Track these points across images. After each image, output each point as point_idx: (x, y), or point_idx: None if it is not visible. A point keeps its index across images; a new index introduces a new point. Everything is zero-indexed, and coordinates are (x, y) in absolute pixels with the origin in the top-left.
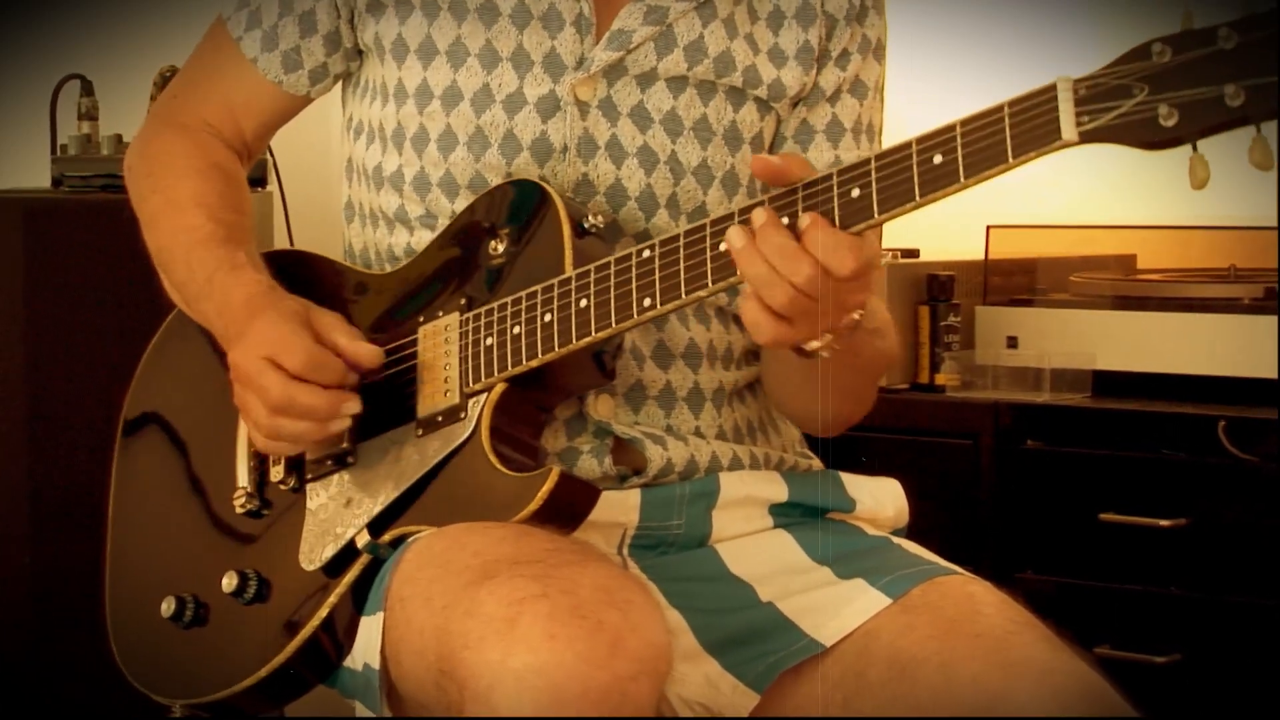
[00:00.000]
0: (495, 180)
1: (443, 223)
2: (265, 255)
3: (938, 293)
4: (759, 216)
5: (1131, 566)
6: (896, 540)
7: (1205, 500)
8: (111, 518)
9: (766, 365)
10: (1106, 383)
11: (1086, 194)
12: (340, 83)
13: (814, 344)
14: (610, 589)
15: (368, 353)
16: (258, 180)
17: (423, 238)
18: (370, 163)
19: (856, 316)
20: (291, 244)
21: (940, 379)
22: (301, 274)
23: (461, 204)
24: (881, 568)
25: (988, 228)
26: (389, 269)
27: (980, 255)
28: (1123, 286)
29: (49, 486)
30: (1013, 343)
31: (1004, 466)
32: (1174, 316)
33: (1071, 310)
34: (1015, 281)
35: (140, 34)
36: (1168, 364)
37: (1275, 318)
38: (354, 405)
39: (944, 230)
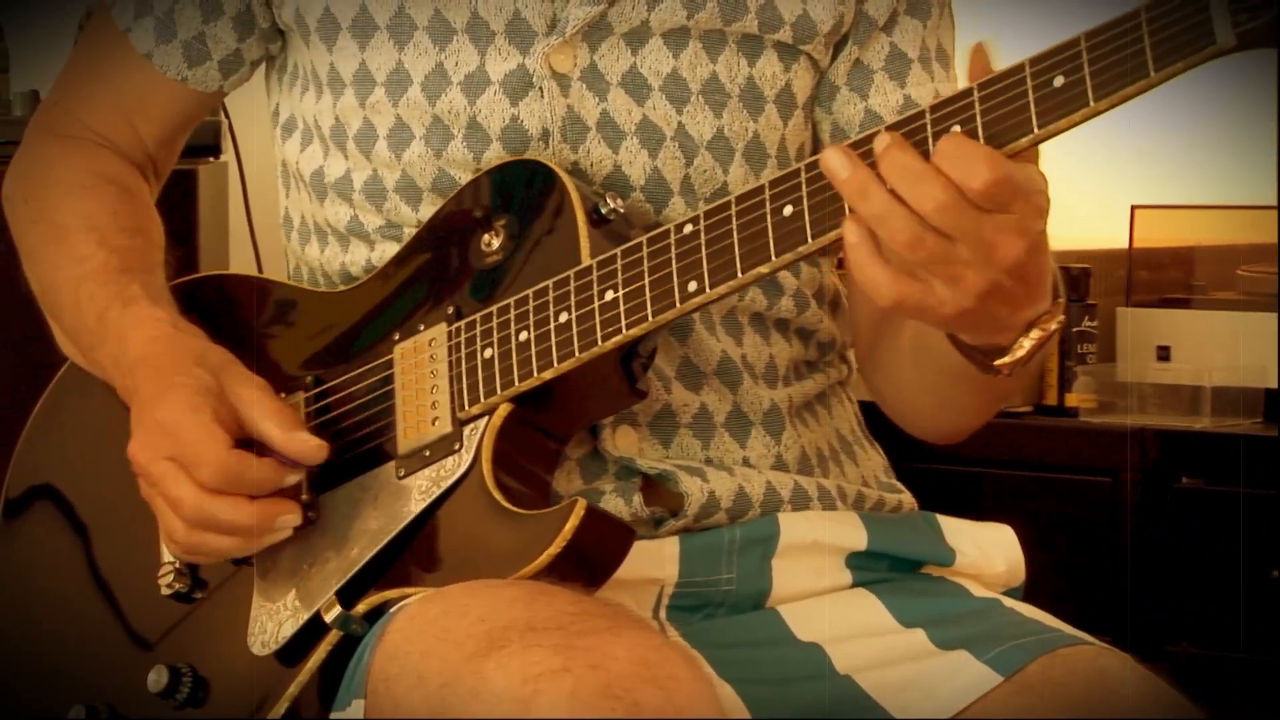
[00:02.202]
0: (463, 178)
1: (409, 233)
2: (188, 283)
3: (1068, 290)
4: (882, 140)
5: None
6: (1009, 602)
7: None
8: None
9: (897, 350)
10: None
11: (1255, 167)
12: (263, 67)
13: (1005, 358)
14: (650, 662)
15: (306, 447)
16: (210, 149)
17: (386, 252)
18: (308, 167)
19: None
20: (250, 224)
21: (1072, 400)
22: (228, 304)
23: (427, 210)
24: (990, 636)
25: (1132, 208)
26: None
27: (1123, 243)
28: None
29: None
30: (1164, 354)
31: (1152, 510)
32: None
33: (1240, 313)
34: (1168, 276)
35: None
36: None
37: None
38: (292, 518)
39: (1076, 211)
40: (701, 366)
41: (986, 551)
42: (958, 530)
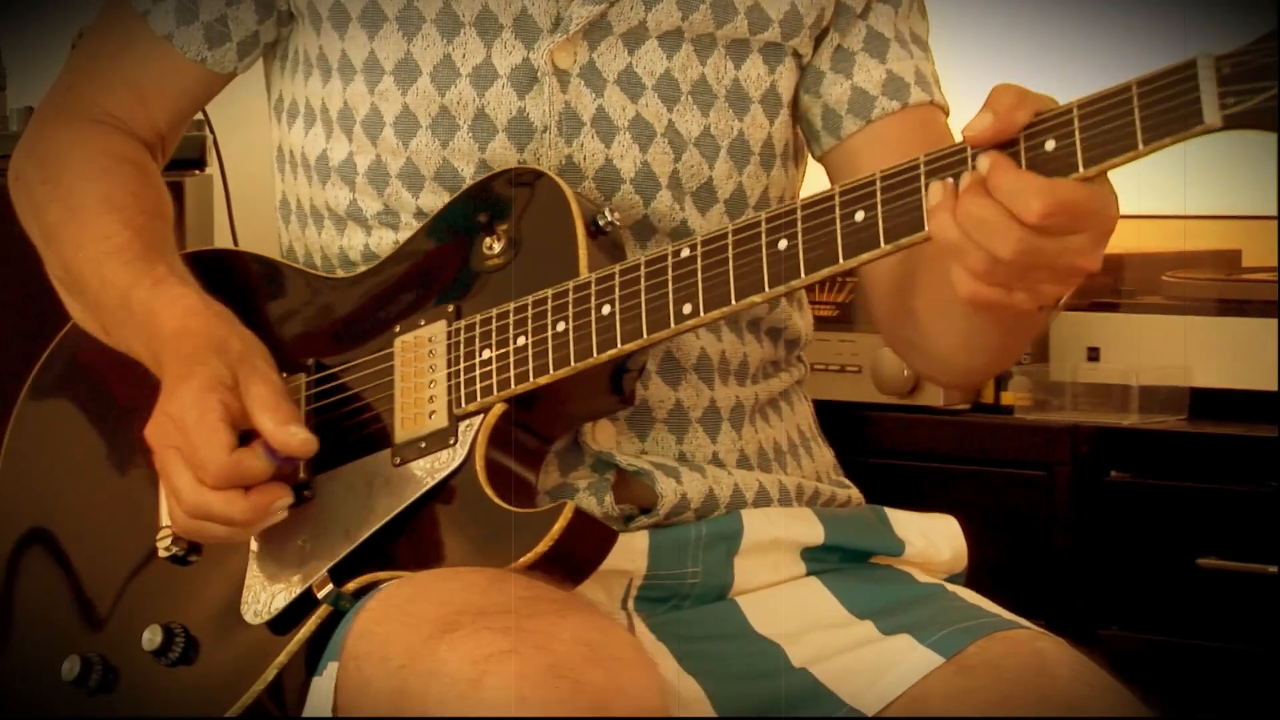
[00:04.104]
0: (466, 169)
1: (406, 220)
2: (193, 255)
3: None
4: (967, 178)
5: (1235, 621)
6: (952, 588)
7: None
8: (2, 556)
9: (935, 303)
10: (1206, 402)
11: (1182, 179)
12: (264, 56)
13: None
14: (594, 643)
15: (297, 442)
16: (194, 161)
17: (383, 238)
18: (312, 151)
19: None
20: (234, 236)
21: (1008, 398)
22: (237, 281)
23: (427, 198)
24: (933, 621)
25: None
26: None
27: None
28: (1226, 288)
29: None
30: (1094, 355)
31: (1084, 502)
32: None
33: (1165, 316)
34: (1097, 282)
35: None
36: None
37: None
38: (284, 504)
39: None
40: (682, 362)
41: (934, 541)
42: (906, 522)
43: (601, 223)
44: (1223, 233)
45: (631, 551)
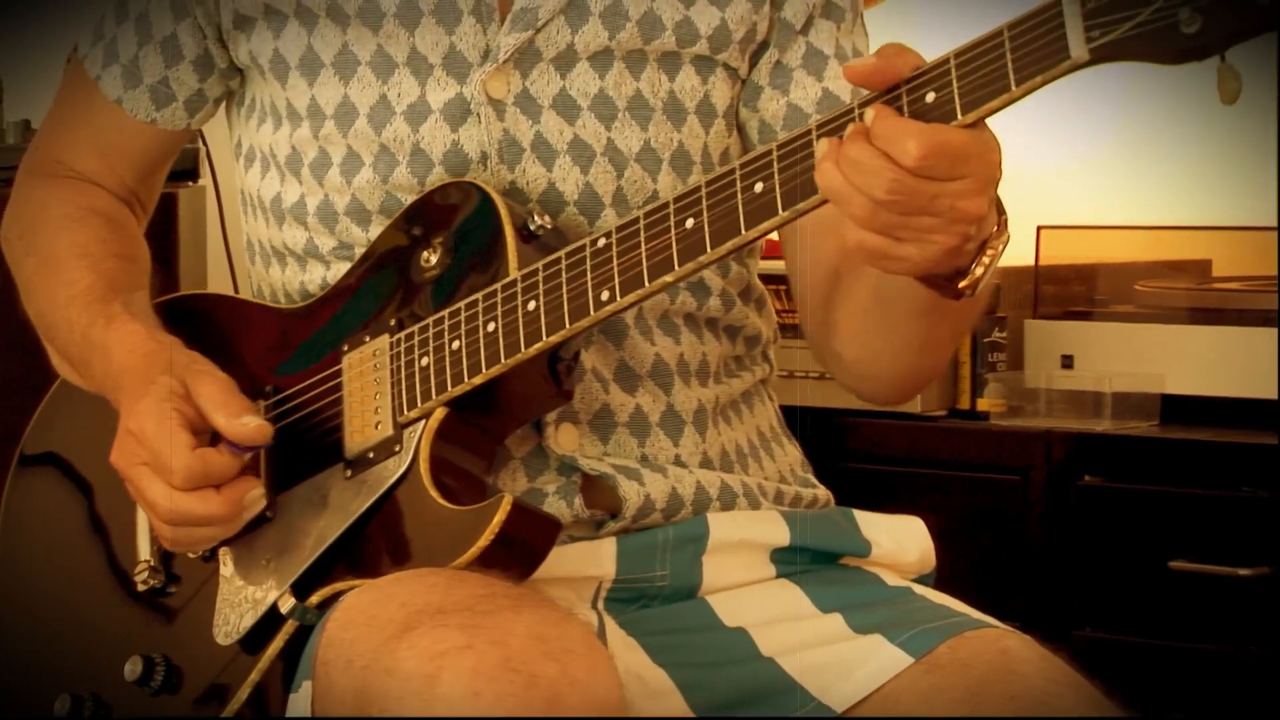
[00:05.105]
0: (408, 200)
1: (359, 252)
2: (163, 303)
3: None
4: (850, 129)
5: (1206, 622)
6: (919, 589)
7: None
8: None
9: (855, 305)
10: (1177, 409)
11: (1154, 190)
12: (225, 103)
13: (965, 280)
14: (547, 637)
15: (249, 431)
16: (189, 173)
17: (340, 270)
18: (268, 194)
19: (975, 234)
20: (226, 244)
21: (983, 404)
22: (201, 319)
23: (376, 230)
24: (903, 621)
25: (1038, 228)
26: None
27: (1030, 260)
28: (1196, 297)
29: None
30: (1068, 362)
31: (1057, 506)
32: (1255, 332)
33: (1137, 324)
34: (1071, 291)
35: (49, 12)
36: (1248, 387)
37: None
38: (258, 494)
39: None
40: (636, 369)
41: (901, 542)
42: (873, 524)
43: (533, 226)
44: (1193, 243)
45: (599, 557)
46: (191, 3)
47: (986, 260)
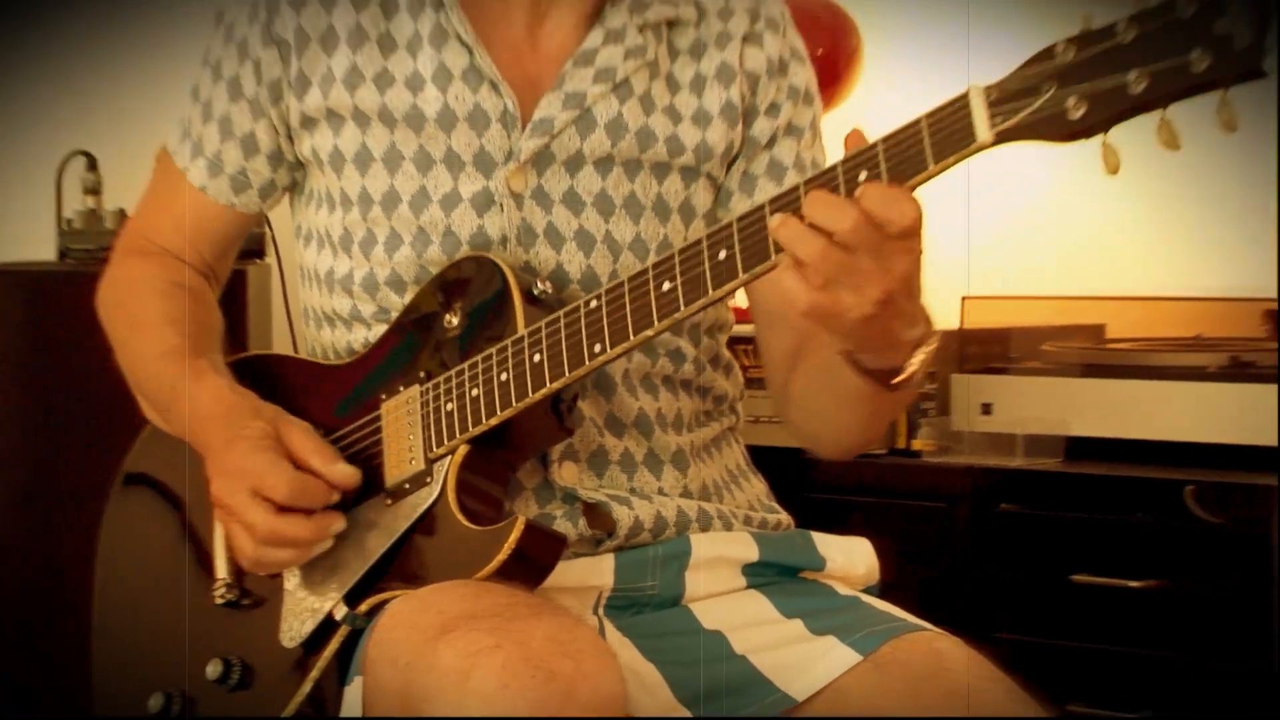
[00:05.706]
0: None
1: (395, 316)
2: (235, 361)
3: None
4: (806, 189)
5: (1103, 626)
6: (866, 598)
7: (1175, 562)
8: (97, 608)
9: (808, 372)
10: (1078, 448)
11: (1058, 266)
12: (288, 193)
13: (900, 376)
14: (562, 640)
15: (344, 474)
16: (255, 252)
17: (379, 331)
18: (322, 268)
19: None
20: (289, 314)
21: (917, 444)
22: (266, 375)
23: (410, 297)
24: (852, 625)
25: (962, 299)
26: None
27: (956, 324)
28: (1093, 355)
29: (48, 562)
30: (987, 409)
31: (979, 529)
32: (1142, 384)
33: (1043, 378)
34: (989, 350)
35: (142, 109)
36: (1137, 430)
37: (1238, 385)
38: (339, 524)
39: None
40: (623, 419)
41: (851, 559)
42: (827, 543)
43: (536, 291)
44: (1090, 310)
45: (600, 570)
46: (267, 105)
47: (916, 362)
